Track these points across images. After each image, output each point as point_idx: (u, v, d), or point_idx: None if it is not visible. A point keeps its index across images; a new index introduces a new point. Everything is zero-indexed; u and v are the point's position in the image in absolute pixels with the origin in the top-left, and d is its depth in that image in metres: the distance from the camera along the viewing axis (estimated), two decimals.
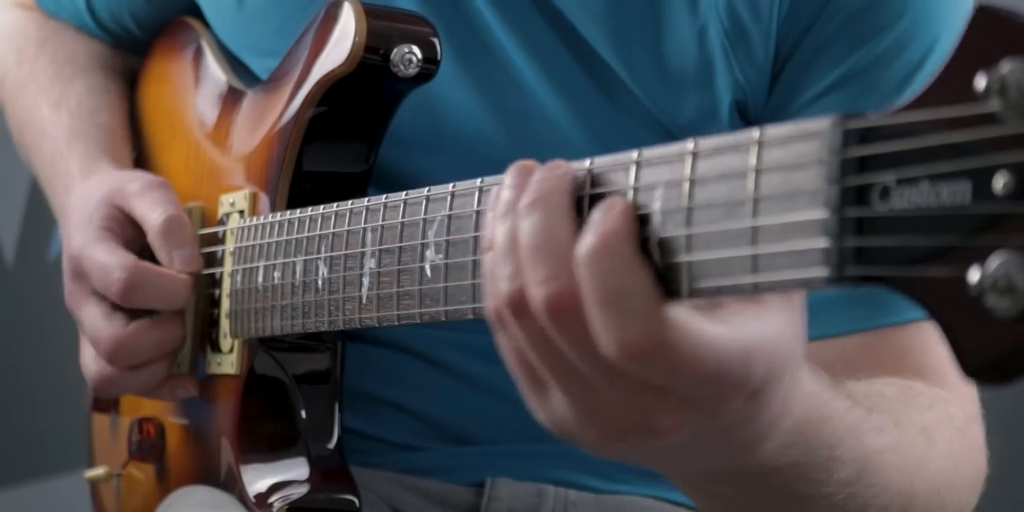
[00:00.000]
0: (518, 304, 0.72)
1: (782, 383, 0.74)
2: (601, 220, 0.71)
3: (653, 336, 0.69)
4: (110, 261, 1.12)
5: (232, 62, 1.25)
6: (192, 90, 1.28)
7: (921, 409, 0.97)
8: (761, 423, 0.75)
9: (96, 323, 1.13)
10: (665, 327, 0.69)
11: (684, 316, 0.70)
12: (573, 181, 0.74)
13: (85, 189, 1.21)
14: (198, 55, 1.28)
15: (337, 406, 1.10)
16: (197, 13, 1.29)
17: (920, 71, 1.05)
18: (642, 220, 0.71)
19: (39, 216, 1.26)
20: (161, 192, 1.15)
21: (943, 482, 0.95)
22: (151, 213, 1.13)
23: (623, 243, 0.70)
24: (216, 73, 1.25)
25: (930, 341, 1.02)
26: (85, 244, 1.14)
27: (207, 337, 1.16)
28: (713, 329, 0.70)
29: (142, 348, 1.12)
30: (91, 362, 1.15)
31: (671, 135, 1.09)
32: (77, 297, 1.16)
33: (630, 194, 0.73)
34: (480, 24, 1.11)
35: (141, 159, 1.31)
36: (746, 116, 1.09)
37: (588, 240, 0.70)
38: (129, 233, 1.15)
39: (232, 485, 1.11)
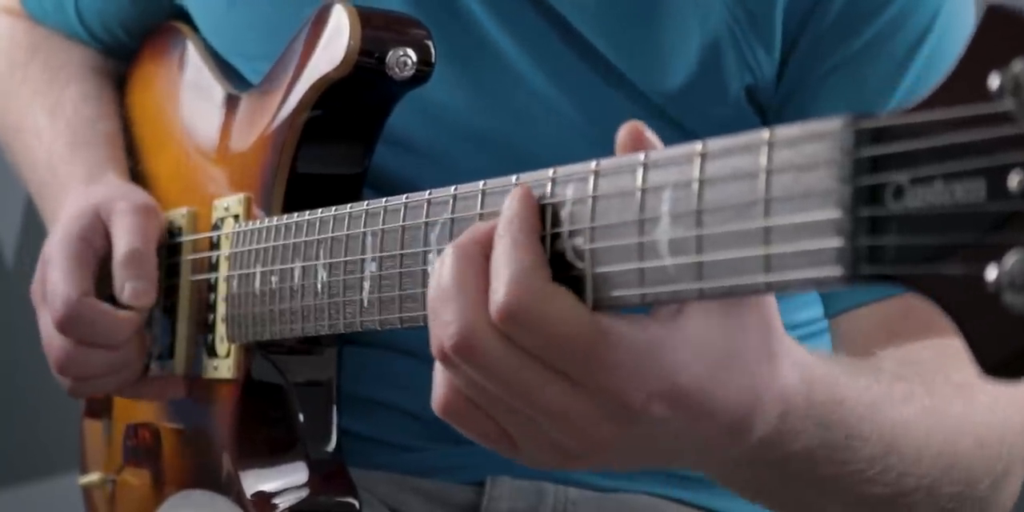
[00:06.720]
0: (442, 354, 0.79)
1: (725, 386, 0.76)
2: (505, 208, 0.76)
3: (527, 298, 0.73)
4: (59, 289, 1.15)
5: (222, 66, 1.24)
6: (181, 95, 1.28)
7: (958, 366, 0.95)
8: (720, 422, 0.76)
9: (49, 332, 1.17)
10: (540, 291, 0.74)
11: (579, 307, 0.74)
12: (488, 231, 0.77)
13: (85, 192, 1.23)
14: (186, 60, 1.28)
15: (335, 409, 1.10)
16: (186, 19, 1.29)
17: (924, 41, 1.06)
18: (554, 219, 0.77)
19: (39, 217, 1.26)
20: (141, 219, 1.17)
21: (991, 436, 0.94)
22: (120, 239, 1.16)
23: (521, 223, 0.76)
24: (206, 77, 1.24)
25: None
26: (56, 249, 1.17)
27: (203, 342, 1.16)
28: (611, 321, 0.73)
29: (91, 365, 1.16)
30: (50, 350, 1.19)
31: (679, 125, 1.09)
32: (38, 297, 1.20)
33: (637, 195, 0.73)
34: (474, 24, 1.11)
35: (132, 165, 1.31)
36: (756, 101, 1.09)
37: (498, 228, 0.76)
38: (105, 246, 1.18)
39: (230, 489, 1.11)
